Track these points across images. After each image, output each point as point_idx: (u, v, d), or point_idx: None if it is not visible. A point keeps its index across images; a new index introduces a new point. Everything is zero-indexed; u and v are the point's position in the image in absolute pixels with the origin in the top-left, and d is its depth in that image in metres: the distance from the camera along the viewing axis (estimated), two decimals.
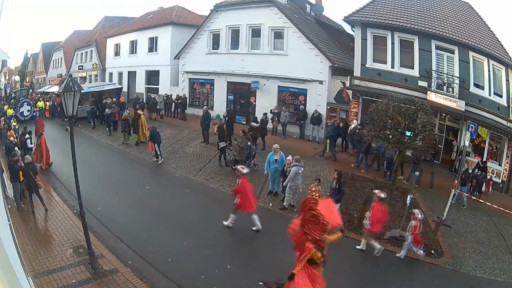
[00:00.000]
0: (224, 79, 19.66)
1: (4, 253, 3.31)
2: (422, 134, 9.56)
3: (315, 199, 5.46)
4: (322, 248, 5.08)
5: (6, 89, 27.39)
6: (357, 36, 15.28)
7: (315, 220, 4.98)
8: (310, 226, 5.00)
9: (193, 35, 20.81)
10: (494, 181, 12.42)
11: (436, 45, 13.49)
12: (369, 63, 14.95)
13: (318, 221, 4.98)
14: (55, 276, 6.34)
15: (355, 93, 15.35)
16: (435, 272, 7.39)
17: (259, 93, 18.22)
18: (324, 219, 4.96)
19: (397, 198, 10.23)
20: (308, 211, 5.04)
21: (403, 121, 9.59)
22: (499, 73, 12.77)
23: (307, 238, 5.01)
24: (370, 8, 15.37)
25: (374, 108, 10.33)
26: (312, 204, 5.10)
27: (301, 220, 5.13)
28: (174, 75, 22.63)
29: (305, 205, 5.18)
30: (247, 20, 18.25)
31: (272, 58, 17.57)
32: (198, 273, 6.74)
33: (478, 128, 12.47)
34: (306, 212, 5.08)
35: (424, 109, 9.79)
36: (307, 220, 5.04)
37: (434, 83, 13.51)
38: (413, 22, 14.03)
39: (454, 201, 10.79)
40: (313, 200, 5.36)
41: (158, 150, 13.10)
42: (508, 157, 12.46)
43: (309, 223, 5.02)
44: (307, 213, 5.05)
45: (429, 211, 9.91)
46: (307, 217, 5.03)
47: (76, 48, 33.55)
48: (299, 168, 9.20)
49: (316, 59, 16.23)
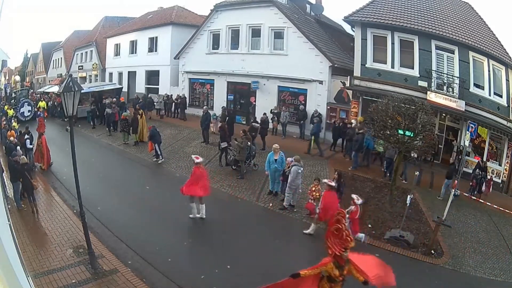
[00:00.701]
0: (224, 79, 19.67)
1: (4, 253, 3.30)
2: (422, 134, 9.57)
3: (343, 212, 5.20)
4: (341, 266, 4.78)
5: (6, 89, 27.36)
6: (357, 36, 15.28)
7: (338, 234, 4.73)
8: (333, 240, 4.75)
9: (193, 35, 20.81)
10: (494, 181, 12.41)
11: (436, 45, 13.48)
12: (369, 63, 14.94)
13: (341, 236, 4.70)
14: (55, 276, 6.34)
15: (355, 93, 15.35)
16: (435, 272, 7.39)
17: (259, 93, 18.22)
18: (348, 235, 4.71)
19: (397, 198, 10.24)
20: (334, 223, 4.80)
21: (403, 121, 9.60)
22: (499, 73, 12.77)
23: (329, 253, 4.76)
24: (370, 8, 15.36)
25: (374, 108, 10.34)
26: (339, 217, 4.86)
27: (326, 232, 4.91)
28: (174, 75, 22.63)
29: (333, 217, 4.97)
30: (247, 20, 18.25)
31: (272, 58, 17.57)
32: (198, 273, 6.74)
33: (478, 128, 12.46)
34: (331, 224, 4.86)
35: (424, 109, 9.80)
36: (331, 233, 4.80)
37: (434, 83, 13.51)
38: (413, 22, 14.02)
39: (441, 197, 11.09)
40: (342, 213, 5.10)
41: (159, 150, 13.10)
42: (508, 157, 12.46)
43: (332, 236, 4.77)
44: (332, 226, 4.82)
45: (429, 211, 9.91)
46: (332, 230, 4.80)
47: (76, 48, 33.58)
48: (299, 168, 9.21)
49: (316, 59, 16.24)
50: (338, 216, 4.85)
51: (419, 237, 8.50)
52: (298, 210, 9.43)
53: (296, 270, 4.94)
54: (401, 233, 8.39)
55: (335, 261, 4.73)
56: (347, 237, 4.69)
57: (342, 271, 4.75)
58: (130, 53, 26.18)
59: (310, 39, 16.41)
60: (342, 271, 4.75)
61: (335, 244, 4.69)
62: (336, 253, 4.68)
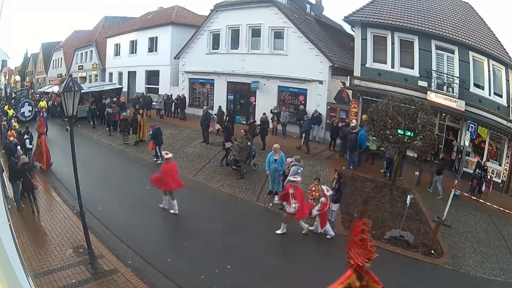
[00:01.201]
0: (224, 79, 19.67)
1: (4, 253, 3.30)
2: (422, 134, 9.57)
3: (368, 222, 5.09)
4: (362, 277, 4.74)
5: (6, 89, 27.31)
6: (357, 36, 15.28)
7: (363, 245, 4.70)
8: (356, 250, 4.70)
9: (193, 35, 20.82)
10: (494, 181, 12.41)
11: (436, 45, 13.48)
12: (369, 63, 14.94)
13: (365, 247, 4.69)
14: (55, 276, 6.34)
15: (355, 93, 15.35)
16: (435, 272, 7.39)
17: (259, 93, 18.22)
18: (372, 246, 4.65)
19: (397, 198, 10.24)
20: (359, 233, 4.74)
21: (403, 121, 9.60)
22: (499, 73, 12.77)
23: (350, 263, 4.70)
24: (370, 8, 15.36)
25: (374, 108, 10.34)
26: (364, 227, 4.80)
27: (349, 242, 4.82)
28: (174, 75, 22.64)
29: (357, 226, 4.83)
30: (247, 20, 18.25)
31: (272, 58, 17.57)
32: (198, 273, 6.74)
33: (478, 128, 12.46)
34: (356, 234, 4.77)
35: (424, 109, 9.80)
36: (355, 243, 4.74)
37: (434, 83, 13.51)
38: (413, 22, 14.02)
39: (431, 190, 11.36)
40: (367, 223, 5.01)
41: (159, 152, 13.10)
42: (508, 157, 12.46)
43: (356, 246, 4.72)
44: (356, 236, 4.74)
45: (429, 211, 9.91)
46: (356, 240, 4.74)
47: (76, 48, 33.58)
48: (299, 168, 9.21)
49: (316, 59, 16.24)
50: (363, 226, 4.76)
51: (419, 237, 8.50)
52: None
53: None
54: (401, 233, 8.38)
55: (357, 272, 4.65)
56: (371, 247, 4.63)
57: (362, 282, 4.70)
58: (130, 53, 26.19)
59: (310, 39, 16.41)
60: (362, 282, 4.70)
61: (359, 254, 4.63)
62: (359, 263, 4.61)
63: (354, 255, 4.66)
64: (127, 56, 26.42)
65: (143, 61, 24.73)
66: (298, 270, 7.08)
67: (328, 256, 7.95)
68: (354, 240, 4.71)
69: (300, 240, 8.27)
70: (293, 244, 8.10)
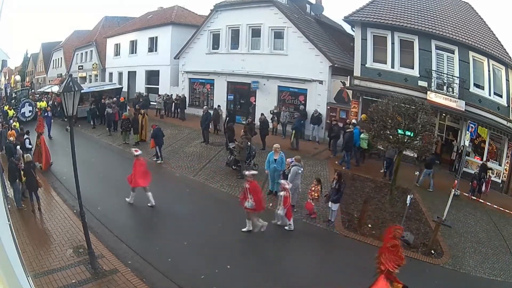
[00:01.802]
0: (224, 79, 19.66)
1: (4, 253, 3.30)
2: (422, 134, 9.57)
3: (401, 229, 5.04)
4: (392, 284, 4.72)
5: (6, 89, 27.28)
6: (357, 36, 15.28)
7: (394, 251, 4.62)
8: (387, 256, 4.62)
9: (193, 35, 20.81)
10: (494, 181, 12.42)
11: (436, 45, 13.49)
12: (369, 63, 14.95)
13: (397, 253, 4.60)
14: (55, 276, 6.33)
15: (355, 93, 15.35)
16: (435, 272, 7.39)
17: (259, 93, 18.22)
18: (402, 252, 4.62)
19: (397, 198, 10.24)
20: (391, 239, 4.68)
21: (403, 121, 9.60)
22: (499, 73, 12.77)
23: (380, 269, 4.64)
24: (370, 8, 15.37)
25: (374, 108, 10.34)
26: (396, 233, 4.72)
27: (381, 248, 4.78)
28: (174, 75, 22.64)
29: (389, 232, 4.76)
30: (247, 20, 18.25)
31: (272, 58, 17.57)
32: (198, 273, 6.74)
33: (478, 128, 12.47)
34: (388, 240, 4.71)
35: (424, 109, 9.81)
36: (386, 249, 4.67)
37: (434, 83, 13.51)
38: (413, 22, 14.03)
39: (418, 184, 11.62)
40: (399, 229, 4.94)
41: (159, 152, 13.09)
42: (508, 157, 12.46)
43: (387, 252, 4.65)
44: (389, 241, 4.68)
45: (429, 211, 9.91)
46: (388, 246, 4.66)
47: (76, 48, 33.59)
48: (299, 168, 9.21)
49: (316, 59, 16.24)
50: (395, 232, 4.69)
51: (419, 237, 8.50)
52: (297, 210, 9.42)
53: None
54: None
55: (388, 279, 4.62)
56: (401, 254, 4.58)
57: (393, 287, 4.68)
58: (130, 53, 26.19)
59: (310, 39, 16.41)
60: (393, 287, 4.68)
61: (390, 260, 4.58)
62: (390, 269, 4.57)
63: (385, 261, 4.61)
64: (127, 56, 26.42)
65: (143, 61, 24.72)
66: (298, 270, 7.08)
67: (329, 256, 7.96)
68: (386, 246, 4.67)
69: (300, 240, 8.27)
70: (293, 244, 8.10)
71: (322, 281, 6.84)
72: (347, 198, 10.06)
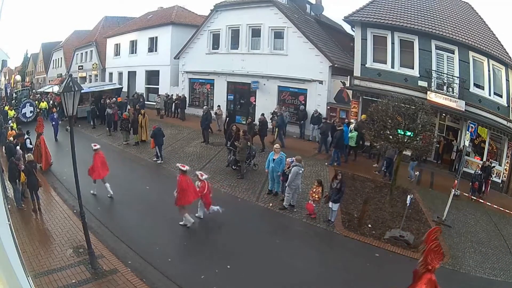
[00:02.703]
0: (224, 79, 19.66)
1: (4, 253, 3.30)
2: (422, 134, 9.57)
3: (439, 230, 5.60)
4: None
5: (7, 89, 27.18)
6: (357, 36, 15.28)
7: (437, 250, 5.17)
8: (432, 256, 5.13)
9: (193, 35, 20.81)
10: (494, 181, 12.42)
11: (436, 45, 13.48)
12: (369, 63, 14.95)
13: (439, 251, 5.21)
14: (55, 276, 6.33)
15: (355, 93, 15.35)
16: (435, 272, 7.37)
17: (259, 93, 18.22)
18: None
19: (397, 198, 10.24)
20: (434, 241, 5.19)
21: (403, 121, 9.61)
22: (499, 73, 12.77)
23: (427, 269, 5.14)
24: (370, 8, 15.37)
25: (374, 108, 10.34)
26: (437, 235, 5.28)
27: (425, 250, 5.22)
28: (174, 75, 22.63)
29: (430, 235, 5.28)
30: (247, 20, 18.24)
31: (272, 58, 17.57)
32: (198, 273, 6.74)
33: (478, 128, 12.47)
34: (431, 242, 5.20)
35: (424, 109, 9.81)
36: (431, 250, 5.16)
37: (434, 83, 13.51)
38: (413, 22, 14.02)
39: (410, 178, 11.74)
40: (438, 230, 5.51)
41: (159, 152, 13.09)
42: (508, 157, 12.46)
43: (432, 253, 5.14)
44: (432, 243, 5.18)
45: (429, 211, 9.91)
46: (432, 247, 5.17)
47: (76, 48, 33.60)
48: (299, 168, 9.20)
49: (316, 59, 16.24)
50: (437, 233, 5.28)
51: (419, 237, 8.48)
52: (298, 210, 9.43)
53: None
54: (401, 233, 8.39)
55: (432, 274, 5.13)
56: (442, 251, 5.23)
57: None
58: (130, 53, 26.19)
59: (310, 39, 16.41)
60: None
61: (435, 259, 5.14)
62: (436, 267, 5.14)
63: (431, 260, 5.14)
64: (127, 56, 26.41)
65: (143, 61, 24.72)
66: (298, 270, 7.08)
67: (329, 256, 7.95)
68: (431, 248, 5.18)
69: (300, 240, 8.28)
70: (293, 244, 8.10)
71: (322, 281, 6.84)
72: (347, 198, 10.07)
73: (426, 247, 5.21)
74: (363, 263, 7.55)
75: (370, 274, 7.18)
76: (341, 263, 7.56)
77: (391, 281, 7.04)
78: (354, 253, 7.89)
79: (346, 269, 7.29)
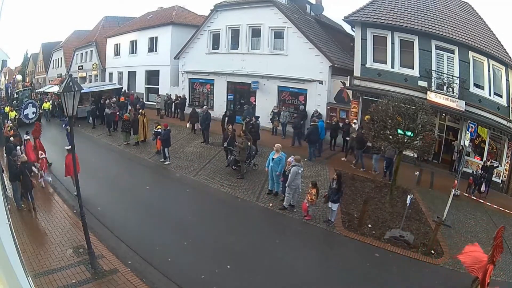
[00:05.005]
0: (224, 79, 19.67)
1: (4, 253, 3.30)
2: (422, 134, 9.57)
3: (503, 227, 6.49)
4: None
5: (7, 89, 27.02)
6: (357, 36, 15.28)
7: (501, 245, 6.12)
8: (498, 250, 6.04)
9: (193, 35, 20.82)
10: (494, 181, 12.41)
11: (436, 45, 13.48)
12: (369, 63, 14.95)
13: (502, 246, 6.16)
14: (55, 276, 6.33)
15: (355, 93, 15.35)
16: (435, 272, 7.39)
17: (259, 93, 18.22)
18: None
19: (397, 198, 10.24)
20: (499, 237, 6.06)
21: (403, 121, 9.60)
22: (499, 73, 12.78)
23: (492, 261, 6.05)
24: (370, 8, 15.37)
25: (374, 108, 10.34)
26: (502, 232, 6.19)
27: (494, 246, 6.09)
28: (174, 75, 22.64)
29: (498, 232, 6.17)
30: (247, 20, 18.24)
31: (272, 58, 17.57)
32: (198, 273, 6.74)
33: (478, 128, 12.47)
34: (498, 238, 6.06)
35: (424, 109, 9.81)
36: (498, 246, 6.03)
37: (434, 83, 13.51)
38: (413, 22, 14.02)
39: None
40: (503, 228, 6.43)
41: (167, 153, 13.07)
42: (508, 157, 12.46)
43: (498, 248, 6.03)
44: (498, 240, 6.04)
45: (429, 211, 9.91)
46: (498, 243, 6.04)
47: (76, 48, 33.63)
48: (299, 168, 9.20)
49: (316, 59, 16.24)
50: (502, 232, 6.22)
51: (419, 237, 8.50)
52: (298, 210, 9.43)
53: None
54: (401, 233, 8.39)
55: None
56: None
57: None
58: (130, 53, 26.19)
59: (310, 39, 16.41)
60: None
61: (499, 252, 6.11)
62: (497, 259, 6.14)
63: (497, 254, 6.03)
64: (127, 56, 26.42)
65: (143, 61, 24.72)
66: (298, 269, 7.08)
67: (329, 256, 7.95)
68: (498, 244, 6.03)
69: (300, 240, 8.27)
70: (293, 244, 8.09)
71: (322, 281, 6.84)
72: (347, 198, 10.07)
73: (495, 243, 6.01)
74: (363, 263, 7.55)
75: (370, 274, 7.18)
76: (341, 263, 7.56)
77: (391, 281, 7.05)
78: (354, 253, 7.89)
79: (346, 269, 7.29)
